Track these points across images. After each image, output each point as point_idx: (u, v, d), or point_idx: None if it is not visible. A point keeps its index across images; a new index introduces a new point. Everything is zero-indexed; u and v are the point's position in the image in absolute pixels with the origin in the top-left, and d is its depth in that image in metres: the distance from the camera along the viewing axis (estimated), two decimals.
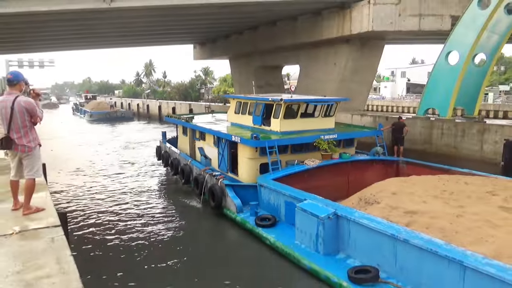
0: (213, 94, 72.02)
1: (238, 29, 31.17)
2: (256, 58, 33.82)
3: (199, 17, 25.19)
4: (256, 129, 14.53)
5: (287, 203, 10.87)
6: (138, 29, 29.29)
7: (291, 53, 29.06)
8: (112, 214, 13.82)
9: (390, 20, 19.97)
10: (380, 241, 7.84)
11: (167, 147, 19.92)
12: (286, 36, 26.65)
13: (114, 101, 72.88)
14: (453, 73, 19.30)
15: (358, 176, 13.49)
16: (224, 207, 12.80)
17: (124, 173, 20.42)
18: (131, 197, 15.99)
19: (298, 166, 12.80)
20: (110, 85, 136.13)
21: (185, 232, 12.29)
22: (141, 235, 11.83)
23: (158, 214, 13.75)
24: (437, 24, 20.46)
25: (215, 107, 43.14)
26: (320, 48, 25.43)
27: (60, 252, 4.18)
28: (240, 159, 13.53)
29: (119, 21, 24.62)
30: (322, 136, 13.40)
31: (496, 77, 68.33)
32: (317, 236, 8.97)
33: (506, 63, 73.74)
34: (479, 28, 18.39)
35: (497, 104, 43.17)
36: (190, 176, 15.86)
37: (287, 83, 61.73)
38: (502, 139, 16.55)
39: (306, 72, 27.66)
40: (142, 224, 12.78)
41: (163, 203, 15.29)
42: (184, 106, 49.48)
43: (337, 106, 15.02)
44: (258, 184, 12.26)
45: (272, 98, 13.91)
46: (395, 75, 73.39)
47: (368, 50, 23.87)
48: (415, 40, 35.83)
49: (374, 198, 9.67)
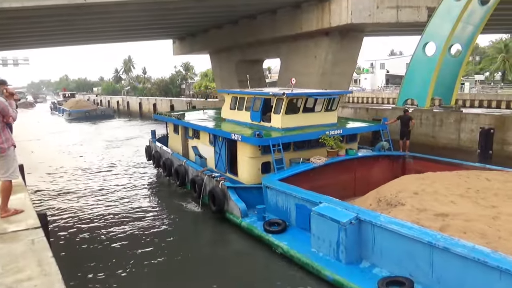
0: (194, 89, 71.49)
1: (217, 23, 30.93)
2: (237, 52, 33.68)
3: (177, 12, 24.85)
4: (255, 125, 13.69)
5: (298, 206, 10.03)
6: (115, 25, 28.70)
7: (271, 47, 29.04)
8: (99, 218, 13.04)
9: (368, 12, 20.16)
10: (413, 248, 7.05)
11: (157, 147, 18.92)
12: (266, 30, 26.60)
13: (100, 99, 70.52)
14: (430, 64, 19.69)
15: (364, 173, 12.86)
16: (227, 211, 11.86)
17: (110, 175, 19.45)
18: (119, 200, 15.01)
19: (304, 164, 11.98)
20: (88, 82, 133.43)
21: (184, 239, 11.32)
22: (132, 241, 10.97)
23: (150, 218, 12.82)
24: (414, 16, 20.77)
25: (196, 102, 42.90)
26: (300, 41, 25.49)
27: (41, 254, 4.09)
28: (240, 158, 12.74)
29: (96, 16, 24.06)
30: (327, 131, 12.65)
31: (472, 67, 70.00)
32: (338, 243, 8.14)
33: (480, 53, 75.61)
34: (454, 19, 18.77)
35: (473, 94, 44.29)
36: (185, 178, 14.95)
37: (269, 77, 61.77)
38: (478, 128, 17.02)
39: (287, 66, 27.72)
40: (133, 229, 11.88)
41: (156, 207, 14.22)
42: (165, 102, 48.97)
43: (340, 100, 14.32)
44: (264, 186, 11.31)
45: (272, 92, 13.06)
46: (375, 67, 74.38)
47: (348, 43, 24.07)
48: (393, 32, 36.28)
49: (397, 199, 8.84)
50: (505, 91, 45.97)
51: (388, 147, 13.98)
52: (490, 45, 73.03)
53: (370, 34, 31.25)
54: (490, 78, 67.33)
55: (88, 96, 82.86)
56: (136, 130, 39.43)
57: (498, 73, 66.73)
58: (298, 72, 25.94)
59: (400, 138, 15.12)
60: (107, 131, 38.87)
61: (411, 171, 12.84)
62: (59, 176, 19.61)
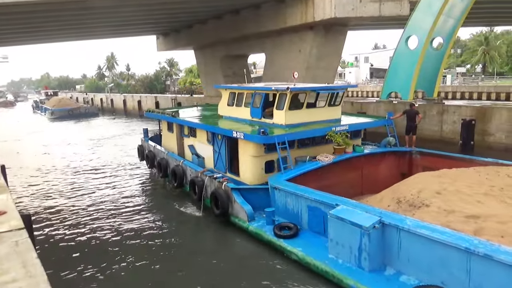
0: (179, 85, 70.92)
1: (201, 18, 30.69)
2: (222, 48, 33.51)
3: (160, 7, 24.58)
4: (255, 122, 13.02)
5: (311, 209, 9.38)
6: (97, 21, 28.22)
7: (256, 42, 28.98)
8: (88, 220, 12.43)
9: (351, 6, 20.26)
10: (447, 255, 6.51)
11: (151, 146, 18.01)
12: (250, 25, 26.52)
13: (91, 97, 67.52)
14: (413, 57, 19.97)
15: (371, 170, 12.43)
16: (231, 214, 11.16)
17: (99, 175, 18.62)
18: (111, 202, 14.26)
19: (311, 163, 11.36)
20: (70, 80, 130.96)
21: (185, 245, 10.57)
22: (125, 246, 10.32)
23: (146, 222, 12.09)
24: (396, 10, 20.98)
25: (182, 99, 42.59)
26: (285, 36, 25.50)
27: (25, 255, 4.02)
28: (242, 157, 12.05)
29: (76, 12, 23.61)
30: (334, 128, 12.09)
31: (453, 59, 71.28)
32: (361, 249, 7.53)
33: (462, 46, 76.92)
34: (435, 13, 19.05)
35: (455, 86, 45.13)
36: (183, 179, 14.18)
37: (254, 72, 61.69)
38: (459, 119, 17.38)
39: (272, 60, 27.72)
40: (126, 233, 11.20)
41: (152, 210, 13.39)
42: (150, 99, 48.49)
43: (344, 94, 13.69)
44: (271, 187, 10.62)
45: (275, 87, 12.36)
46: (359, 61, 75.01)
47: (332, 37, 24.18)
48: (376, 26, 36.59)
49: (420, 200, 8.23)
50: (485, 83, 46.97)
51: (395, 142, 13.48)
52: (471, 38, 74.34)
53: (354, 28, 31.47)
54: (471, 71, 68.66)
55: (71, 93, 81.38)
56: (122, 128, 38.96)
57: (478, 66, 68.09)
58: (283, 67, 26.01)
59: (406, 133, 14.73)
60: (93, 130, 38.24)
61: (418, 167, 12.60)
62: (44, 177, 19.08)
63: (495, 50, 63.42)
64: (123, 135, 33.14)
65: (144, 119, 46.63)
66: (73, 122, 47.20)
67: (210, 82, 37.34)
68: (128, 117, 50.74)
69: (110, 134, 33.81)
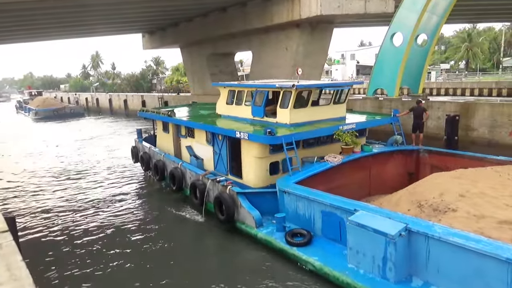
0: (166, 84, 70.39)
1: (187, 16, 30.46)
2: (208, 46, 33.34)
3: (146, 4, 24.31)
4: (257, 122, 12.46)
5: (325, 214, 8.81)
6: (81, 19, 27.75)
7: (242, 39, 28.91)
8: (79, 225, 11.94)
9: (337, 3, 20.36)
10: (484, 265, 6.04)
11: (145, 147, 17.27)
12: (236, 22, 26.43)
13: (78, 96, 65.80)
14: (398, 54, 20.19)
15: (379, 170, 12.03)
16: (237, 220, 10.57)
17: (90, 178, 17.97)
18: (104, 208, 13.53)
19: (319, 164, 10.81)
20: (54, 79, 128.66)
21: (187, 253, 9.92)
22: (121, 254, 9.81)
23: (144, 228, 11.52)
24: (381, 7, 21.16)
25: (169, 97, 42.29)
26: (272, 34, 25.50)
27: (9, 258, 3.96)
28: (245, 158, 11.49)
29: (60, 10, 23.20)
30: (341, 126, 11.62)
31: (437, 56, 72.34)
32: (385, 259, 7.01)
33: (445, 42, 78.10)
34: (419, 10, 19.29)
35: (439, 82, 45.79)
36: (182, 182, 13.54)
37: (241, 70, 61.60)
38: (444, 115, 17.65)
39: (259, 58, 27.70)
40: (122, 241, 10.67)
41: (150, 215, 12.82)
42: (136, 98, 48.04)
43: (349, 91, 13.30)
44: (279, 190, 10.01)
45: (279, 84, 11.73)
46: (345, 58, 75.48)
47: (318, 34, 24.27)
48: (362, 23, 36.86)
49: (445, 204, 7.72)
50: (469, 79, 47.78)
51: (402, 141, 13.09)
52: (454, 35, 75.51)
53: (340, 26, 31.62)
54: (455, 67, 69.79)
55: (56, 93, 79.97)
56: (109, 128, 38.50)
57: (462, 62, 69.24)
58: (270, 64, 26.02)
59: (412, 131, 14.25)
60: (79, 130, 37.62)
61: (426, 166, 12.36)
62: (29, 179, 18.55)
63: (477, 47, 64.57)
64: (111, 135, 32.71)
65: (130, 118, 46.26)
66: (58, 122, 46.42)
67: (197, 81, 37.15)
68: (114, 116, 50.16)
69: (98, 134, 33.33)
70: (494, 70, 60.46)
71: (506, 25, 65.90)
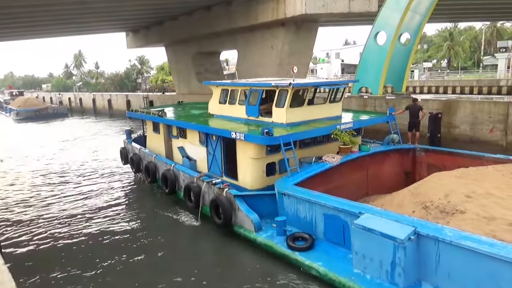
0: (151, 83, 69.74)
1: (171, 14, 30.22)
2: (193, 45, 33.15)
3: (128, 3, 24.02)
4: (252, 121, 12.19)
5: (328, 217, 8.54)
6: (63, 17, 27.25)
7: (228, 38, 28.85)
8: (64, 231, 11.48)
9: (322, 2, 20.50)
10: (498, 270, 5.86)
11: (135, 149, 16.65)
12: (222, 21, 26.35)
13: (62, 96, 63.61)
14: (381, 52, 20.43)
15: (376, 169, 11.86)
16: (234, 224, 10.24)
17: (77, 181, 17.27)
18: (91, 211, 13.10)
19: (318, 164, 10.55)
20: (36, 79, 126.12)
21: (183, 258, 9.46)
22: (112, 261, 9.33)
23: (136, 233, 11.03)
24: (365, 6, 21.38)
25: (154, 97, 41.89)
26: (257, 32, 25.51)
27: None
28: (241, 159, 11.19)
29: (40, 9, 22.73)
30: (338, 126, 11.45)
31: (420, 55, 73.49)
32: (394, 264, 6.77)
33: (428, 41, 79.38)
34: (402, 9, 19.55)
35: (422, 80, 46.54)
36: (175, 185, 13.13)
37: (226, 69, 61.42)
38: (427, 113, 17.94)
39: (244, 57, 27.68)
40: (112, 245, 10.26)
41: (141, 219, 12.34)
42: (121, 98, 47.46)
43: (345, 90, 13.05)
44: (278, 193, 9.71)
45: (275, 83, 11.42)
46: (330, 57, 76.01)
47: (303, 33, 24.40)
48: (346, 22, 37.19)
49: (452, 206, 7.54)
50: (451, 77, 48.71)
51: (398, 140, 12.93)
52: (436, 33, 76.83)
53: (324, 24, 31.82)
54: (437, 65, 71.03)
55: (37, 93, 78.37)
56: (94, 128, 37.89)
57: (444, 61, 70.52)
58: (255, 63, 26.04)
59: (408, 130, 14.14)
60: (63, 131, 36.77)
61: (422, 165, 12.29)
62: (12, 183, 17.81)
63: (459, 46, 65.86)
64: (96, 136, 32.17)
65: (115, 118, 45.67)
66: (41, 123, 45.29)
67: (182, 80, 36.91)
68: (98, 116, 49.46)
69: (83, 135, 32.72)
70: (475, 68, 61.76)
71: (486, 24, 67.39)
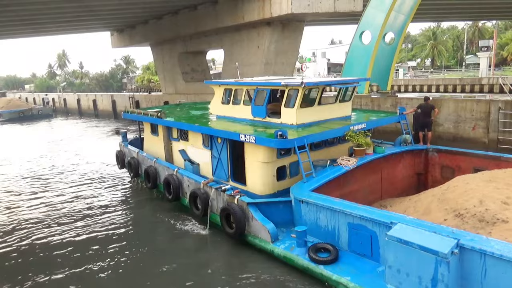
0: (137, 83, 69.08)
1: (156, 14, 29.98)
2: (179, 44, 32.95)
3: (111, 2, 23.74)
4: (259, 123, 11.54)
5: (353, 227, 7.89)
6: (44, 17, 26.79)
7: (214, 38, 28.77)
8: (59, 240, 10.74)
9: (307, 2, 20.60)
10: None
11: (133, 152, 15.74)
12: (208, 20, 26.27)
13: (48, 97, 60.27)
14: (366, 52, 20.66)
15: (390, 172, 11.31)
16: (248, 233, 9.57)
17: (70, 187, 16.23)
18: (88, 218, 12.35)
19: (333, 168, 9.97)
20: (18, 79, 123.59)
21: (192, 272, 8.69)
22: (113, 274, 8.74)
23: (138, 243, 10.29)
24: (350, 6, 21.56)
25: (140, 97, 41.50)
26: (243, 32, 25.51)
27: None
28: (249, 163, 10.54)
29: (21, 8, 22.30)
30: (352, 126, 10.90)
31: (405, 54, 74.51)
32: (435, 280, 6.14)
33: (412, 40, 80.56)
34: (387, 9, 19.81)
35: (407, 79, 47.21)
36: (179, 191, 12.40)
37: (213, 68, 61.25)
38: None
39: (231, 56, 27.63)
40: (111, 255, 9.59)
41: (144, 228, 11.64)
42: (106, 98, 46.86)
43: (355, 89, 12.52)
44: (295, 199, 9.05)
45: (285, 82, 10.83)
46: (316, 56, 76.44)
47: (289, 32, 24.49)
48: (332, 22, 37.46)
49: (491, 214, 6.99)
50: (434, 76, 49.59)
51: (410, 140, 12.42)
52: (420, 33, 78.02)
53: (310, 24, 32.01)
54: (421, 64, 72.14)
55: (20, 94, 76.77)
56: (81, 129, 37.09)
57: (428, 60, 71.68)
58: (242, 63, 25.96)
59: (419, 130, 13.54)
60: (50, 133, 35.81)
61: (435, 166, 11.88)
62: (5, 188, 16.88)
63: (442, 45, 67.03)
64: (85, 137, 31.48)
65: (101, 119, 45.07)
66: (25, 125, 43.99)
67: (168, 79, 36.65)
68: (84, 117, 48.75)
69: (71, 136, 31.98)
70: (458, 67, 62.94)
71: (468, 24, 68.73)
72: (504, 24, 68.34)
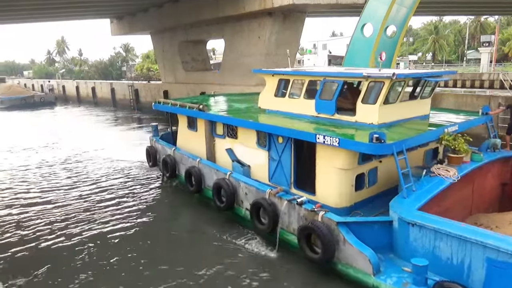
0: (136, 71, 68.75)
1: (157, 1, 29.70)
2: (180, 33, 32.71)
3: None
4: (326, 120, 9.93)
5: (495, 263, 6.13)
6: (43, 2, 26.51)
7: (215, 27, 28.55)
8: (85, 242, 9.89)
9: None
10: None
11: (168, 149, 14.03)
12: (209, 9, 26.03)
13: (52, 84, 59.33)
14: (368, 44, 20.51)
15: (480, 183, 9.81)
16: (337, 260, 7.73)
17: (91, 189, 14.46)
18: (121, 230, 10.70)
19: (430, 179, 8.41)
20: (17, 65, 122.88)
21: None
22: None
23: (191, 265, 8.54)
24: None
25: (139, 85, 41.34)
26: (244, 22, 25.31)
27: None
28: (322, 169, 9.01)
29: None
30: (446, 129, 9.38)
31: (406, 48, 74.16)
32: None
33: (414, 34, 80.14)
34: (389, 2, 19.58)
35: None
36: (234, 199, 10.56)
37: (213, 58, 60.92)
38: None
39: (231, 46, 27.46)
40: None
41: (195, 245, 9.80)
42: (105, 86, 46.70)
43: (437, 84, 11.11)
44: (401, 221, 7.31)
45: (367, 73, 9.26)
46: (317, 48, 76.01)
47: (290, 23, 24.32)
48: (333, 13, 37.18)
49: None
50: (435, 70, 49.42)
51: (500, 145, 10.88)
52: (422, 26, 77.59)
53: (312, 15, 31.78)
54: (422, 59, 71.88)
55: (19, 80, 76.30)
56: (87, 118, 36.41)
57: (429, 54, 71.41)
58: (242, 53, 25.89)
59: (506, 133, 12.14)
60: (57, 121, 34.74)
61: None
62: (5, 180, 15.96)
63: (444, 39, 66.72)
64: (94, 126, 30.65)
65: (100, 107, 44.84)
66: (28, 112, 42.78)
67: (168, 68, 36.46)
68: (82, 105, 48.55)
69: (80, 126, 30.81)
70: (459, 62, 62.74)
71: (470, 18, 68.34)
72: (507, 20, 68.02)
